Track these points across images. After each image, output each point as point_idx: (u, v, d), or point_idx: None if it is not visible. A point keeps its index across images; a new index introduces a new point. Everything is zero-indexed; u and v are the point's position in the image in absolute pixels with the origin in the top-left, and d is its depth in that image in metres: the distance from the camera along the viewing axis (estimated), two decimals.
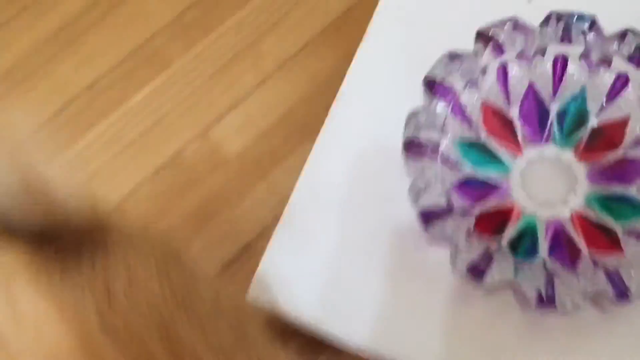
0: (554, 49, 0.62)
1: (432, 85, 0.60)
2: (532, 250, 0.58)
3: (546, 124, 0.63)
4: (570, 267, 0.57)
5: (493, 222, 0.59)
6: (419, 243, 0.60)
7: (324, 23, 1.21)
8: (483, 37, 0.61)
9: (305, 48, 1.22)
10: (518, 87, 0.63)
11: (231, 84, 1.20)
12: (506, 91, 0.63)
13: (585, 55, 0.62)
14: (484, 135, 0.62)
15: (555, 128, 0.62)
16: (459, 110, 0.61)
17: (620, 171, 0.60)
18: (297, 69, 1.21)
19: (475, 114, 0.62)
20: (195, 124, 1.18)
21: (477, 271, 0.55)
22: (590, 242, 0.58)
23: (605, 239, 0.58)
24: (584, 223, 0.59)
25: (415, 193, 0.57)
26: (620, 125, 0.61)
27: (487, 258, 0.55)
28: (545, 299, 0.54)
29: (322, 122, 0.73)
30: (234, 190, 1.14)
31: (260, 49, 1.21)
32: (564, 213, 0.60)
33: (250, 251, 1.04)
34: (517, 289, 0.56)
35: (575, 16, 0.61)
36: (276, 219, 0.65)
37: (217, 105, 1.20)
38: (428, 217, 0.56)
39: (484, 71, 0.62)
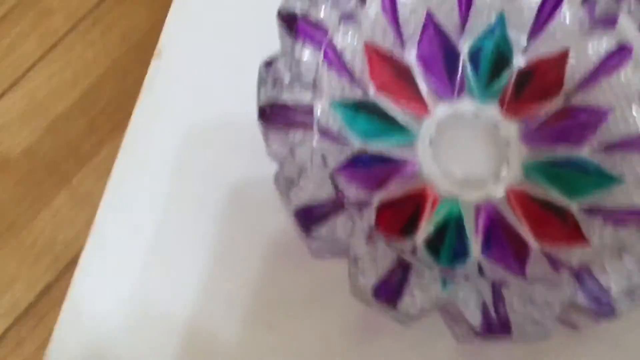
0: None
1: (291, 23, 0.41)
2: (461, 249, 0.41)
3: (456, 68, 0.46)
4: (516, 270, 0.40)
5: (401, 215, 0.42)
6: (296, 258, 0.42)
7: None
8: None
9: None
10: (412, 19, 0.46)
11: (5, 54, 0.97)
12: (397, 26, 0.46)
13: None
14: (372, 92, 0.45)
15: (469, 74, 0.46)
16: (333, 57, 0.43)
17: (565, 126, 0.44)
18: (98, 29, 0.98)
19: (358, 62, 0.45)
20: None
21: (388, 292, 0.37)
22: (538, 230, 0.42)
23: (558, 223, 0.42)
24: (526, 203, 0.43)
25: (285, 184, 0.38)
26: (558, 62, 0.45)
27: (401, 270, 0.37)
28: (493, 323, 0.37)
29: (135, 101, 0.54)
30: (22, 204, 0.91)
31: (42, 3, 0.98)
32: (496, 192, 0.44)
33: (50, 293, 0.83)
34: (451, 312, 0.38)
35: None
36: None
37: None
38: (308, 219, 0.38)
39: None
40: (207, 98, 0.52)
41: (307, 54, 0.43)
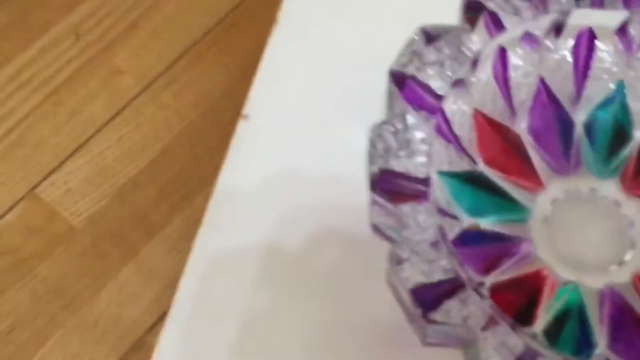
0: (575, 22, 0.44)
1: (399, 84, 0.41)
2: (585, 341, 0.40)
3: (571, 141, 0.45)
4: None
5: (516, 300, 0.41)
6: (402, 346, 0.40)
7: (206, 22, 1.00)
8: (472, 5, 0.43)
9: (181, 59, 1.01)
10: (524, 85, 0.45)
11: (72, 115, 0.98)
12: (507, 92, 0.45)
13: (621, 31, 0.45)
14: (480, 164, 0.43)
15: (585, 147, 0.45)
16: (443, 125, 0.42)
17: None
18: (170, 91, 0.99)
19: (466, 131, 0.43)
20: (16, 178, 0.95)
21: None
22: None
23: None
24: None
25: (395, 260, 0.37)
26: None
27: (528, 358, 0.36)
28: None
29: (215, 168, 0.55)
30: (86, 277, 0.91)
31: (113, 63, 0.99)
32: (620, 278, 0.42)
33: None
34: None
35: None
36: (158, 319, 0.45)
37: (50, 149, 0.97)
38: (424, 299, 0.36)
39: (475, 62, 0.43)
40: (296, 162, 0.52)
41: (417, 119, 0.43)
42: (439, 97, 0.43)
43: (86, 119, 1.01)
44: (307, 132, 0.54)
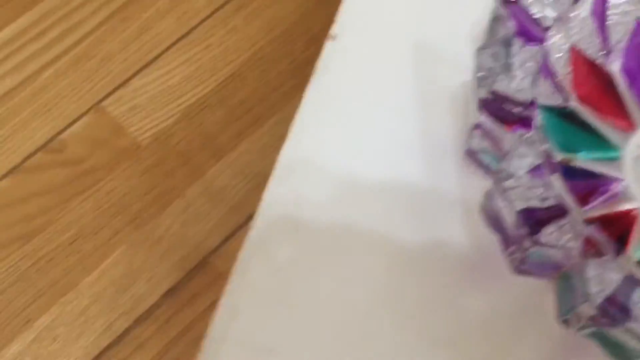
0: None
1: (509, 9, 0.42)
2: None
3: None
4: None
5: (607, 236, 0.42)
6: (492, 273, 0.42)
7: None
8: None
9: None
10: (621, 24, 0.45)
11: (140, 32, 0.99)
12: (604, 31, 0.45)
13: None
14: (574, 100, 0.44)
15: None
16: (543, 58, 0.43)
17: None
18: (241, 15, 1.00)
19: (561, 66, 0.44)
20: (83, 90, 0.96)
21: (615, 309, 0.37)
22: None
23: None
24: None
25: (503, 184, 0.39)
26: None
27: (628, 287, 0.37)
28: None
29: (285, 95, 0.55)
30: (151, 194, 0.93)
31: None
32: None
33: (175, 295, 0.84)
34: None
35: None
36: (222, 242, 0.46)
37: (118, 64, 0.98)
38: (534, 221, 0.38)
39: None
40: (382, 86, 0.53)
41: (520, 46, 0.44)
42: (541, 27, 0.44)
43: (155, 37, 1.02)
44: (398, 58, 0.54)
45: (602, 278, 0.37)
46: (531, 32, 0.43)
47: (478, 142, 0.40)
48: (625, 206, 0.43)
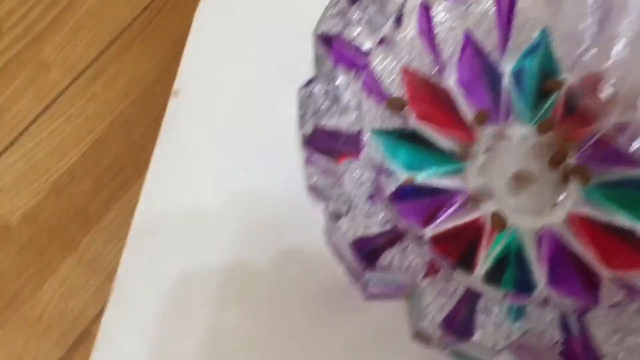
0: None
1: (328, 44, 0.41)
2: (525, 281, 0.41)
3: (500, 91, 0.46)
4: (588, 300, 0.39)
5: (456, 248, 0.42)
6: (344, 302, 0.41)
7: (133, 9, 1.00)
8: None
9: (108, 49, 1.00)
10: (450, 39, 0.46)
11: (0, 113, 0.97)
12: (434, 48, 0.45)
13: None
14: (413, 120, 0.44)
15: (514, 96, 0.46)
16: (372, 83, 0.43)
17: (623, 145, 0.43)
18: (100, 81, 0.99)
19: (396, 88, 0.44)
20: None
21: (458, 326, 0.36)
22: (606, 256, 0.41)
23: (628, 247, 0.41)
24: (590, 228, 0.43)
25: (333, 218, 0.37)
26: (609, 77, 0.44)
27: (469, 303, 0.36)
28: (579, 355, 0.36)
29: (148, 152, 0.54)
30: (26, 273, 0.90)
31: (39, 58, 0.99)
32: (556, 218, 0.43)
33: None
34: (527, 348, 0.37)
35: None
36: (102, 309, 0.45)
37: None
38: (365, 251, 0.37)
39: (399, 19, 0.44)
40: (228, 134, 0.52)
41: (345, 78, 0.43)
42: (367, 55, 0.44)
43: (15, 116, 0.99)
44: (240, 104, 0.54)
45: (441, 296, 0.36)
46: (354, 61, 0.43)
47: (317, 178, 0.40)
48: (471, 217, 0.43)
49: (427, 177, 0.44)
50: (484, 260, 0.42)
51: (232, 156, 0.52)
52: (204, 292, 0.47)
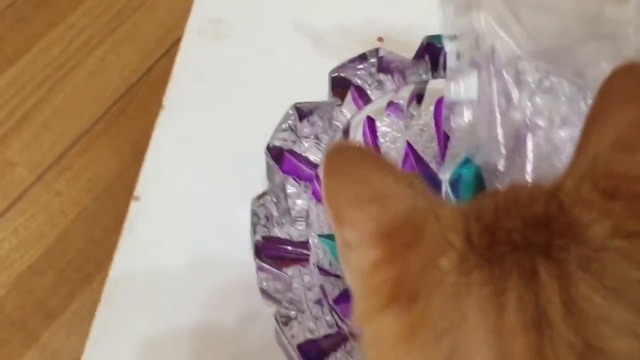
0: (433, 89, 0.47)
1: (278, 157, 0.43)
2: None
3: (440, 196, 0.47)
4: None
5: None
6: None
7: (95, 111, 1.02)
8: (339, 81, 0.46)
9: (73, 148, 1.02)
10: (392, 149, 0.48)
11: None
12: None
13: None
14: None
15: (451, 201, 0.47)
16: (319, 193, 0.45)
17: None
18: (64, 178, 1.00)
19: None
20: None
21: None
22: None
23: None
24: None
25: (283, 321, 0.39)
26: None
27: None
28: None
29: (110, 247, 0.55)
30: None
31: (5, 157, 1.00)
32: None
33: None
34: None
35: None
36: None
37: None
38: (311, 354, 0.38)
39: (346, 131, 0.46)
40: (196, 241, 0.54)
41: (295, 188, 0.45)
42: (316, 167, 0.46)
43: None
44: (196, 210, 0.55)
45: None
46: (303, 172, 0.45)
47: (266, 283, 0.41)
48: None
49: None
50: None
51: (188, 262, 0.53)
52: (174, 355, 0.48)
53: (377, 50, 0.49)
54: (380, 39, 0.59)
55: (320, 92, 0.49)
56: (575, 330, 0.29)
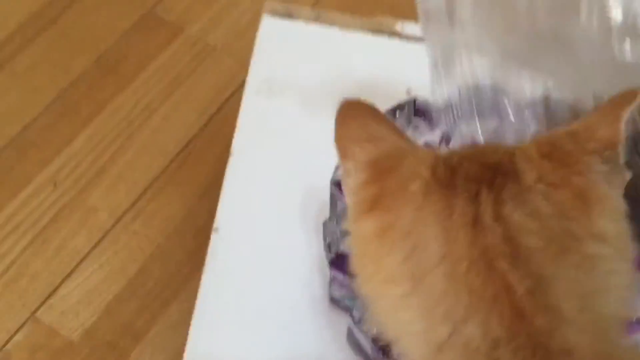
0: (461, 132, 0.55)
1: (340, 189, 0.51)
2: None
3: None
4: None
5: None
6: None
7: (161, 162, 1.12)
8: None
9: (145, 194, 1.11)
10: None
11: (58, 250, 1.07)
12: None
13: None
14: None
15: None
16: None
17: None
18: (139, 220, 1.09)
19: None
20: (18, 306, 1.03)
21: None
22: None
23: None
24: None
25: (358, 319, 0.47)
26: None
27: None
28: None
29: (184, 279, 0.63)
30: None
31: (88, 203, 1.10)
32: None
33: None
34: None
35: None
36: None
37: (44, 279, 1.06)
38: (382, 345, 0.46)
39: None
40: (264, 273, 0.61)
41: None
42: None
43: (71, 252, 1.09)
44: (270, 242, 0.62)
45: None
46: None
47: (338, 292, 0.49)
48: None
49: None
50: None
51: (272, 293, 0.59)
52: None
53: (414, 99, 0.58)
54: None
55: None
56: (502, 229, 0.41)
